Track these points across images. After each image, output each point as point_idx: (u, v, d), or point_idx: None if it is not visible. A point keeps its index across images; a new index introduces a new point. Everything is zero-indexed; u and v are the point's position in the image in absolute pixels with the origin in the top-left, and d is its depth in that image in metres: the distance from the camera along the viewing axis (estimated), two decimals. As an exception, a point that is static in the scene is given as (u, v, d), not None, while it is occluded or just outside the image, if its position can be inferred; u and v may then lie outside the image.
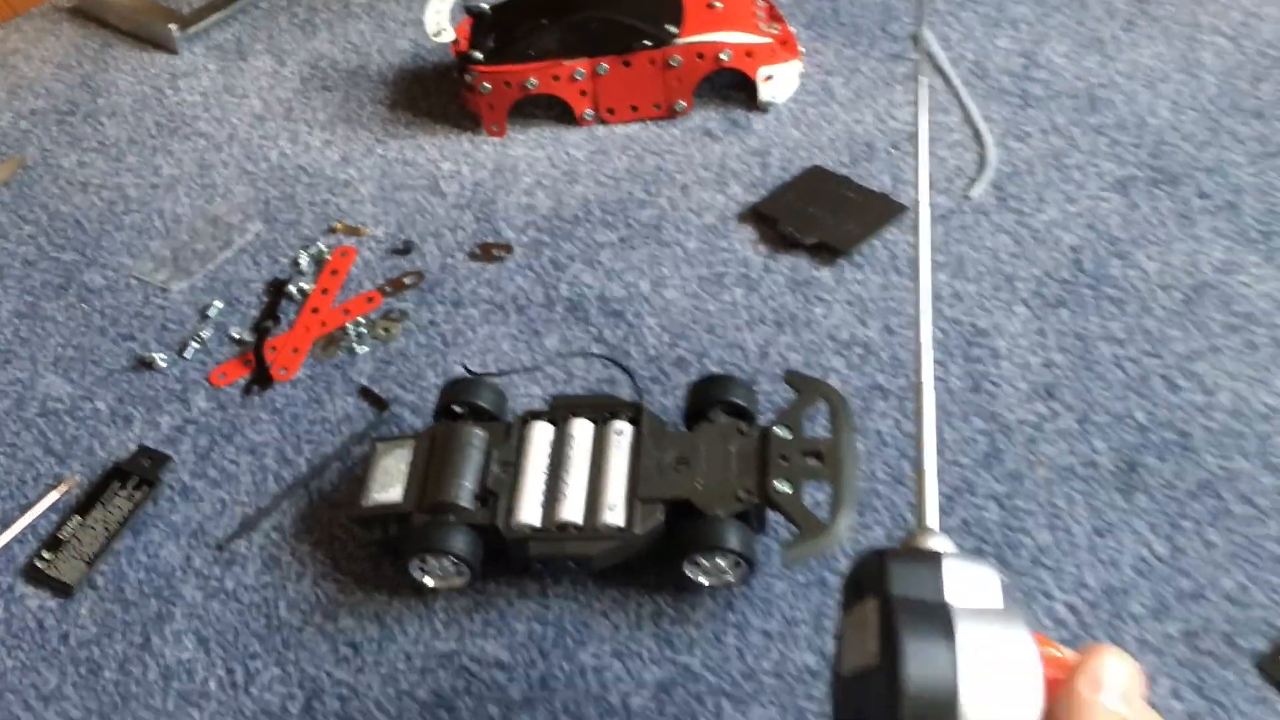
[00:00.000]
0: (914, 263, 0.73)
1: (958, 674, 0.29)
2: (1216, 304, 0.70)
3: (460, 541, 0.59)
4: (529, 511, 0.60)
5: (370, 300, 0.77)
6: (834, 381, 0.69)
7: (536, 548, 0.58)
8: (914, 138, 0.82)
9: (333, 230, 0.83)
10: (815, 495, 0.63)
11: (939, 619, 0.30)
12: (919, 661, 0.29)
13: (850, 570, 0.34)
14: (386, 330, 0.75)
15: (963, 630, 0.30)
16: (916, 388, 0.40)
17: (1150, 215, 0.76)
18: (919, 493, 0.36)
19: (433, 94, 0.96)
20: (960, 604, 0.31)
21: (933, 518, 0.35)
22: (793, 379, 0.63)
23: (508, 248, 0.79)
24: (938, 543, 0.34)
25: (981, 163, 0.81)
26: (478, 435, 0.63)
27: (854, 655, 0.32)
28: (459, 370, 0.72)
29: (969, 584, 0.32)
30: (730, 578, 0.59)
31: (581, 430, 0.63)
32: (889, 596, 0.31)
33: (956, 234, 0.76)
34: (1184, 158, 0.79)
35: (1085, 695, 0.30)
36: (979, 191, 0.79)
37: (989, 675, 0.29)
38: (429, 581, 0.61)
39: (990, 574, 0.32)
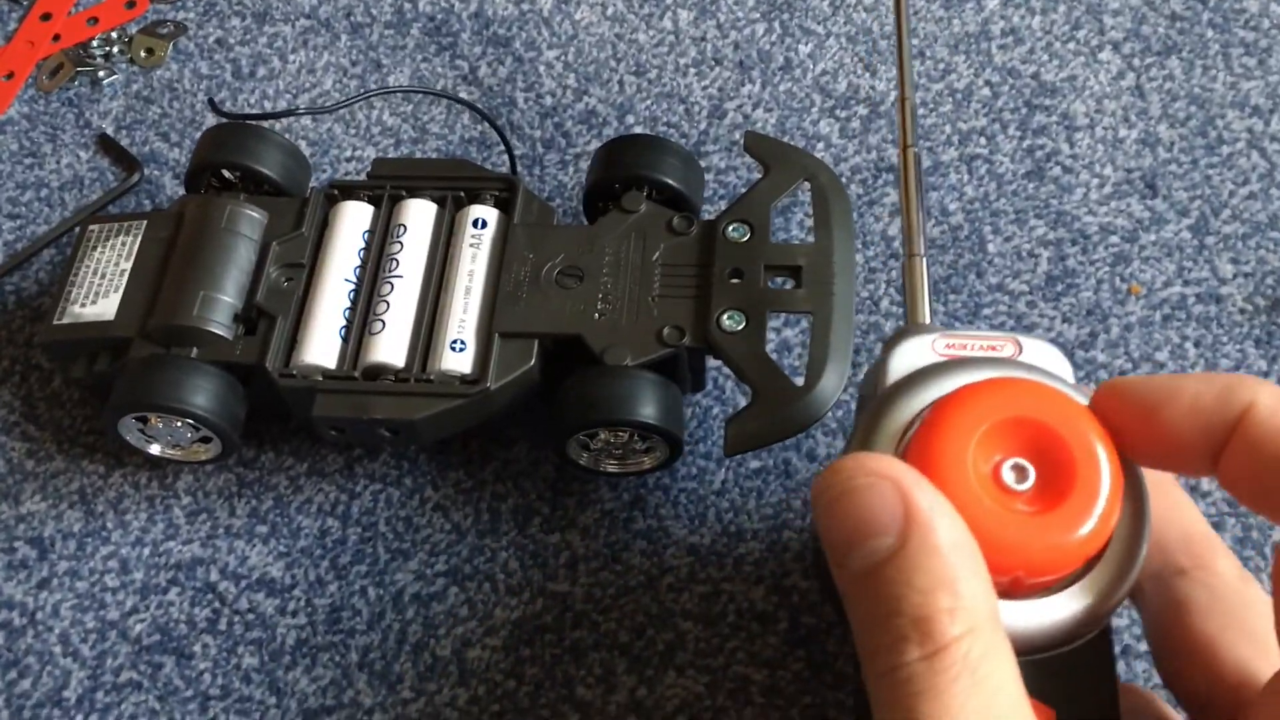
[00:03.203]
0: (953, -21, 0.48)
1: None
2: None
3: (203, 393, 0.35)
4: (320, 347, 0.36)
5: (132, 5, 0.51)
6: (823, 157, 0.45)
7: (328, 405, 0.35)
8: None
9: (87, -100, 0.56)
10: (785, 334, 0.41)
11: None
12: None
13: None
14: (150, 51, 0.49)
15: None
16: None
17: (1308, -77, 0.51)
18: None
19: None
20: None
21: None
22: (757, 146, 0.39)
23: (346, -64, 0.53)
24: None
25: None
26: (249, 218, 0.39)
27: None
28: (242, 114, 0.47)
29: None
30: (644, 462, 0.37)
31: (418, 217, 0.39)
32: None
33: (1015, -58, 0.51)
34: None
35: None
36: (1052, -119, 0.53)
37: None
38: (156, 450, 0.38)
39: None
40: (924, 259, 0.30)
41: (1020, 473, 0.23)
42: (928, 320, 0.29)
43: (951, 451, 0.23)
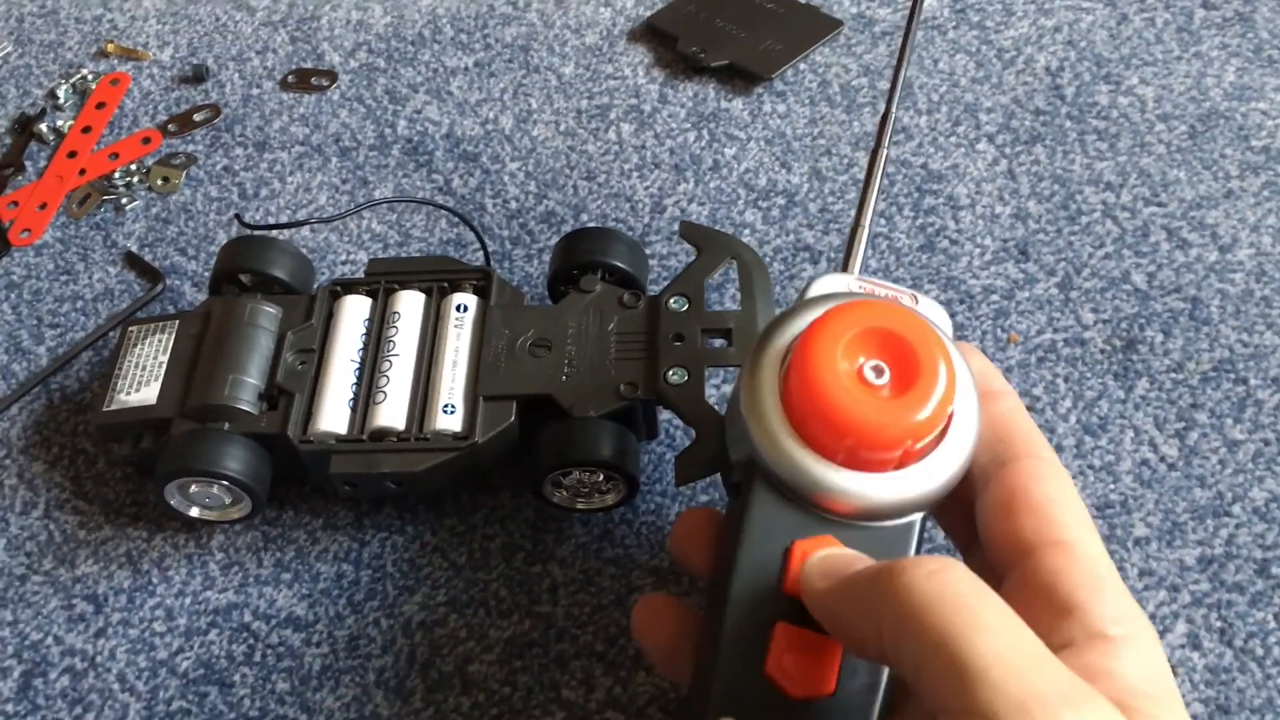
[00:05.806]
0: (847, 88, 0.57)
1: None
2: (1230, 137, 0.55)
3: (235, 459, 0.42)
4: (332, 416, 0.43)
5: (147, 141, 0.59)
6: (748, 240, 0.53)
7: (342, 464, 0.42)
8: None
9: (103, 54, 0.64)
10: (724, 389, 0.48)
11: None
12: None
13: None
14: (166, 180, 0.57)
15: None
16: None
17: (1144, 30, 0.60)
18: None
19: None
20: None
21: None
22: (690, 232, 0.47)
23: (331, 75, 0.62)
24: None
25: (934, -32, 0.65)
26: (266, 313, 0.46)
27: None
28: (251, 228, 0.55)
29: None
30: (608, 499, 0.44)
31: (409, 306, 0.46)
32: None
33: (903, 56, 0.60)
34: (1184, -40, 0.64)
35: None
36: (931, 0, 0.63)
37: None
38: (196, 513, 0.44)
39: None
40: (866, 230, 0.37)
41: (878, 371, 0.29)
42: (855, 272, 0.36)
43: (824, 349, 0.29)
